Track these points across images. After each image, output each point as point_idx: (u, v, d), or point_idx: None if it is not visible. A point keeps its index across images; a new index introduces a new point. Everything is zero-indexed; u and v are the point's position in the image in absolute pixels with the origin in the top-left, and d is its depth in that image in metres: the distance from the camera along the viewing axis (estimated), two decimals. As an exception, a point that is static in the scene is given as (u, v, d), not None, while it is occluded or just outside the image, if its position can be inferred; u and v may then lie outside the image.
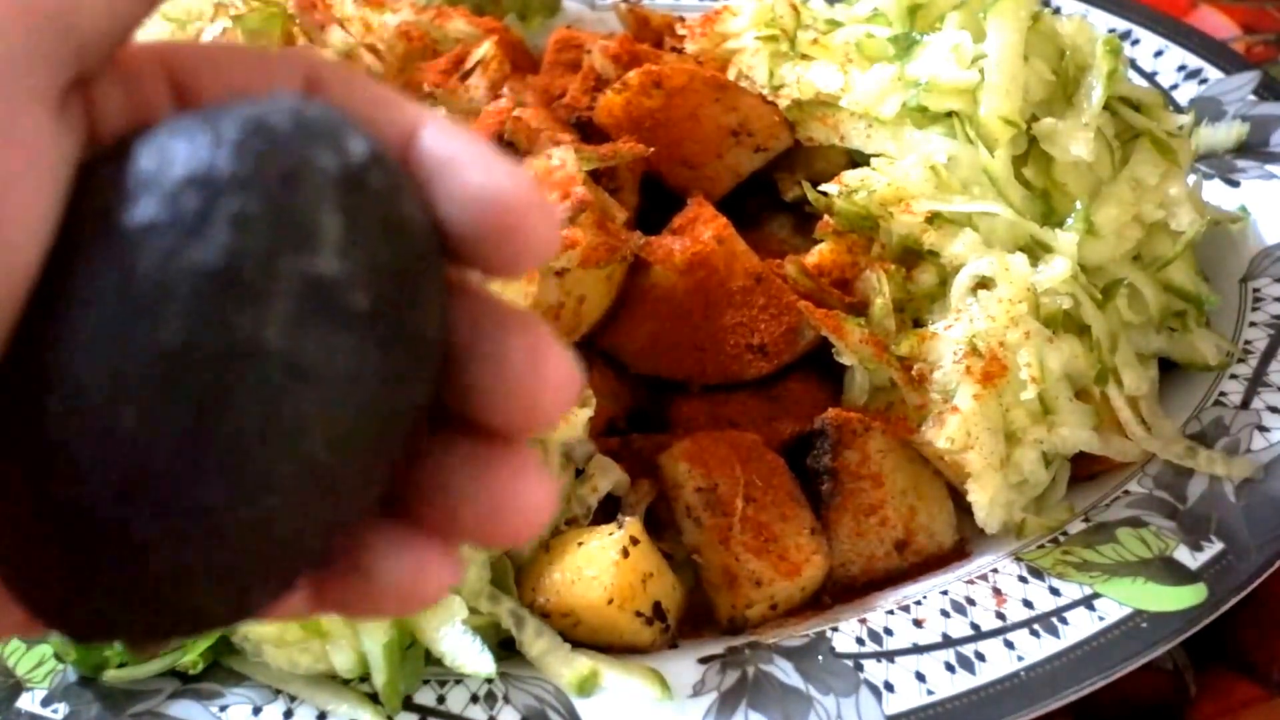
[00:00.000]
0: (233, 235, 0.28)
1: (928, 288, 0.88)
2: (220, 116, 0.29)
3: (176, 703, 0.73)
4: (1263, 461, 0.84)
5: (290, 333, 0.28)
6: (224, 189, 0.28)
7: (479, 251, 0.31)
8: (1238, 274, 0.98)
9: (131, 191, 0.28)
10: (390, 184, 0.30)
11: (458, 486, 0.32)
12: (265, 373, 0.28)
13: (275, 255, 0.28)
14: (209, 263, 0.27)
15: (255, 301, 0.27)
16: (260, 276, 0.28)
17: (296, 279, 0.28)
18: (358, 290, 0.29)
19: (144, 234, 0.28)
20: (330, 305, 0.28)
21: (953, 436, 0.81)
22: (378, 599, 0.33)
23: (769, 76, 1.02)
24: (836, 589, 0.83)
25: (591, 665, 0.75)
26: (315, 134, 0.29)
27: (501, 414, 0.32)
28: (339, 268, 0.28)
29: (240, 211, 0.28)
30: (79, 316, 0.28)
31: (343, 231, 0.29)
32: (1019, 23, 0.91)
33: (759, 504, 0.81)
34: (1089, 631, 0.75)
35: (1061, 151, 0.89)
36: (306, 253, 0.28)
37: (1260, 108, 1.10)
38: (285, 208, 0.28)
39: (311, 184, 0.29)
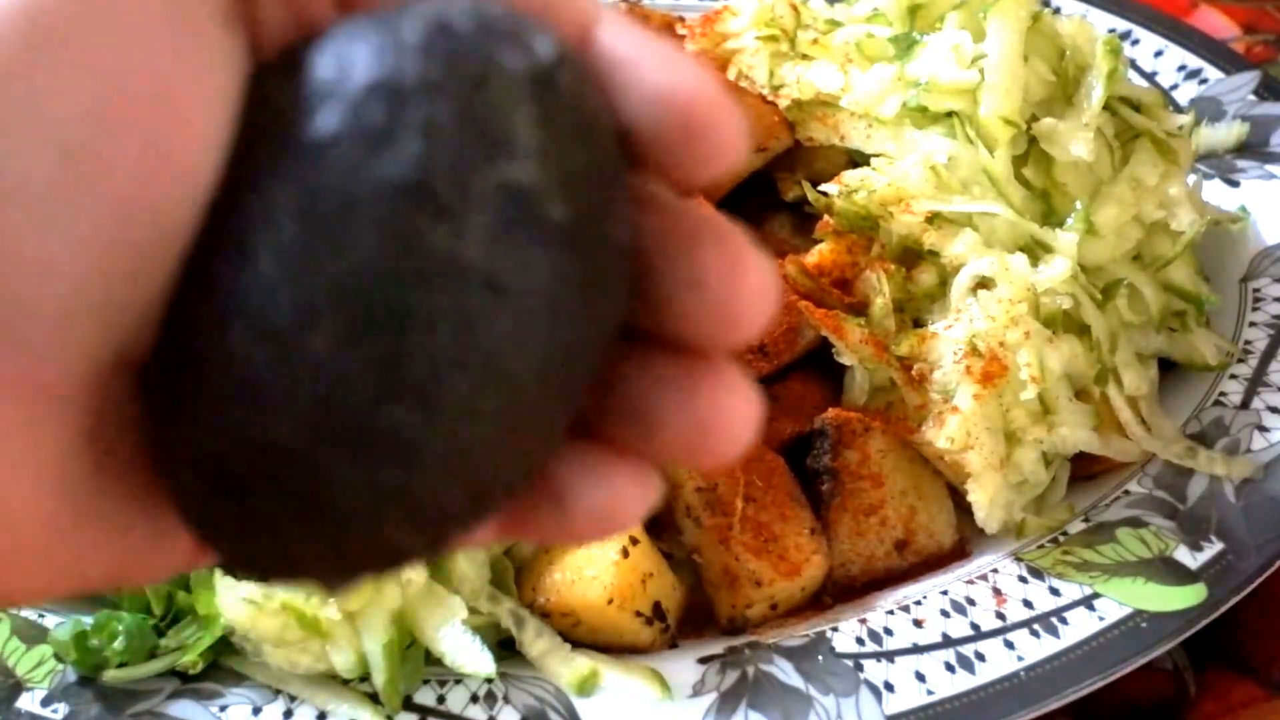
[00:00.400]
0: (423, 145, 0.26)
1: (928, 288, 0.88)
2: (398, 19, 0.27)
3: (176, 703, 0.73)
4: (1263, 461, 0.84)
5: (489, 248, 0.26)
6: (410, 95, 0.26)
7: (663, 154, 0.29)
8: (1238, 274, 0.98)
9: (310, 102, 0.26)
10: (579, 84, 0.28)
11: (656, 405, 0.30)
12: (464, 291, 0.26)
13: (470, 165, 0.26)
14: (400, 175, 0.26)
15: (451, 215, 0.26)
16: (455, 188, 0.26)
17: (493, 190, 0.26)
18: (556, 199, 0.27)
19: (328, 147, 0.26)
20: (529, 217, 0.26)
21: (953, 436, 0.81)
22: (574, 525, 0.31)
23: (769, 76, 1.02)
24: (836, 589, 0.83)
25: (591, 665, 0.75)
26: (500, 33, 0.27)
27: (701, 328, 0.30)
28: (537, 176, 0.26)
29: (430, 119, 0.26)
30: (261, 237, 0.26)
31: (538, 136, 0.27)
32: (1019, 23, 0.91)
33: (759, 504, 0.81)
34: (1089, 631, 0.75)
35: (1061, 151, 0.89)
36: (502, 161, 0.26)
37: (1260, 108, 1.10)
38: (477, 113, 0.26)
39: (502, 87, 0.26)
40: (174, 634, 0.75)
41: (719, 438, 0.31)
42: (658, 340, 0.30)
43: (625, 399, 0.31)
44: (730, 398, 0.31)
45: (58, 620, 0.77)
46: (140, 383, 0.28)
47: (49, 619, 0.77)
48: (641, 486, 0.31)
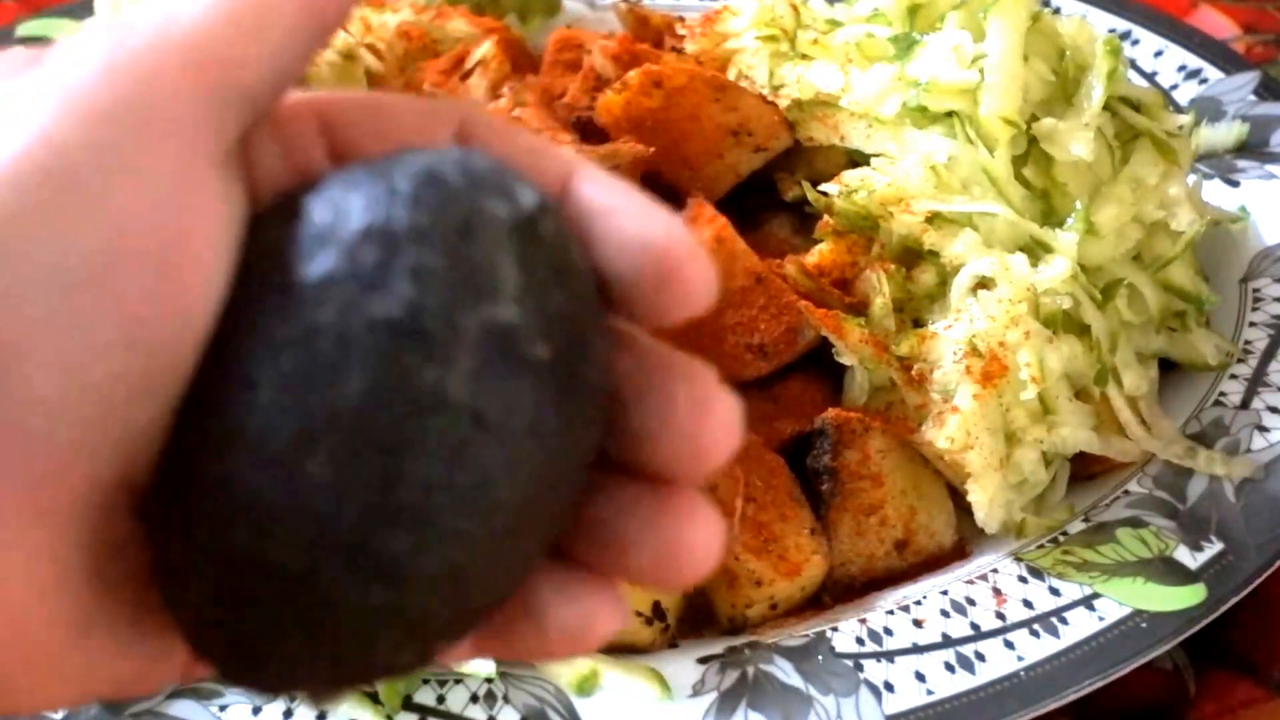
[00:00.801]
0: (414, 287, 0.28)
1: (928, 288, 0.88)
2: (391, 169, 0.29)
3: (176, 702, 0.73)
4: (1263, 461, 0.84)
5: (474, 384, 0.28)
6: (402, 241, 0.28)
7: (636, 299, 0.31)
8: (1238, 274, 0.98)
9: (308, 245, 0.28)
10: (559, 232, 0.30)
11: (626, 531, 0.32)
12: (451, 424, 0.28)
13: (457, 306, 0.28)
14: (392, 315, 0.27)
15: (439, 353, 0.27)
16: (443, 328, 0.28)
17: (478, 330, 0.28)
18: (537, 339, 0.29)
19: (324, 287, 0.28)
20: (512, 355, 0.28)
21: (952, 436, 0.81)
22: (546, 643, 0.33)
23: (769, 76, 1.02)
24: (836, 589, 0.83)
25: (591, 665, 0.75)
26: (486, 184, 0.29)
27: (669, 460, 0.32)
28: (519, 317, 0.28)
29: (419, 263, 0.28)
30: (262, 369, 0.28)
31: (521, 280, 0.29)
32: (1019, 23, 0.91)
33: (759, 504, 0.81)
34: (1089, 631, 0.75)
35: (1061, 151, 0.89)
36: (487, 303, 0.28)
37: (1260, 108, 1.10)
38: (464, 258, 0.28)
39: (488, 234, 0.29)
40: (174, 634, 0.75)
41: (684, 562, 0.32)
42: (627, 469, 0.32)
43: (596, 524, 0.33)
44: (695, 525, 0.32)
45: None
46: (142, 504, 0.29)
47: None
48: (611, 606, 0.33)
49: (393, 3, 1.09)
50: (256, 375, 0.28)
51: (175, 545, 0.29)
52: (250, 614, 0.28)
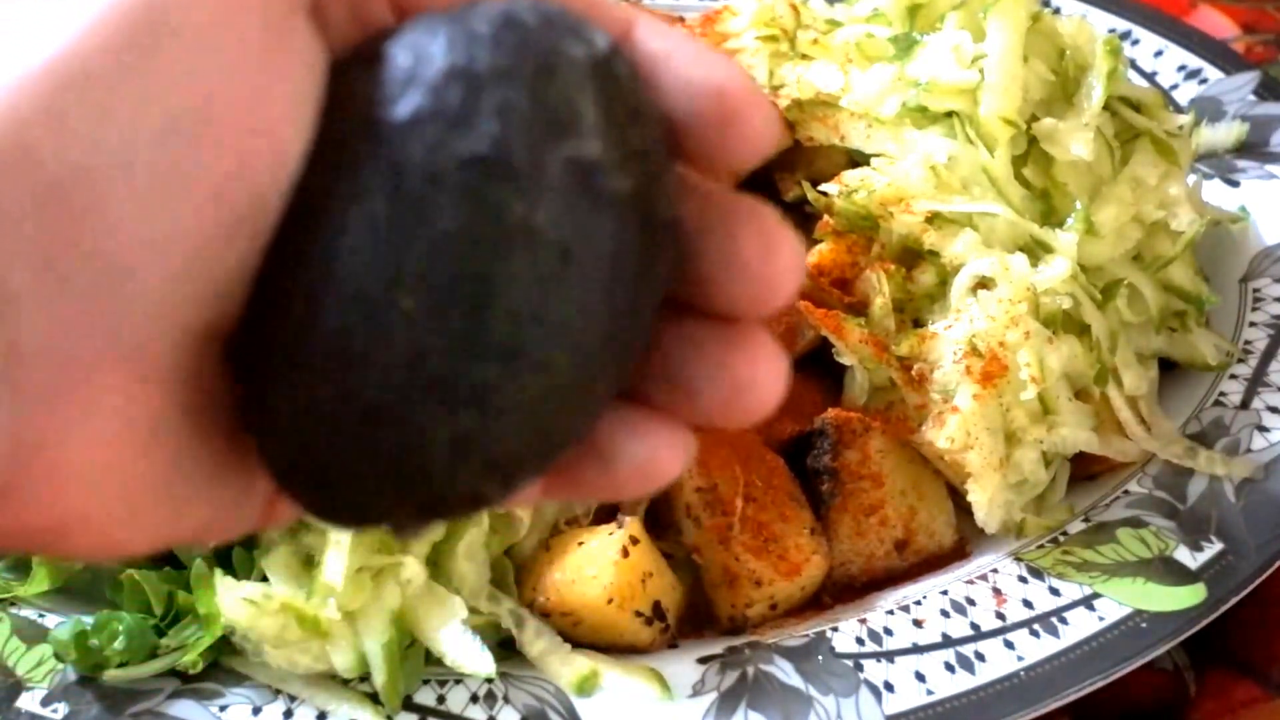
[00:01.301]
0: (499, 124, 0.28)
1: (928, 288, 0.88)
2: (467, 14, 0.30)
3: (176, 702, 0.73)
4: (1263, 461, 0.84)
5: (560, 216, 0.28)
6: (485, 81, 0.28)
7: (700, 143, 0.32)
8: (1238, 274, 0.98)
9: (392, 88, 0.29)
10: (631, 74, 0.31)
11: (695, 371, 0.33)
12: (539, 256, 0.28)
13: (541, 141, 0.28)
14: (480, 151, 0.28)
15: (526, 187, 0.28)
16: (529, 163, 0.28)
17: (563, 164, 0.28)
18: (618, 173, 0.29)
19: (411, 128, 0.28)
20: (595, 189, 0.29)
21: (952, 436, 0.81)
22: (615, 481, 0.34)
23: (769, 76, 1.01)
24: (836, 589, 0.83)
25: (591, 665, 0.75)
26: (561, 26, 0.30)
27: (737, 300, 0.32)
28: (601, 151, 0.29)
29: (504, 101, 0.28)
30: (352, 209, 0.28)
31: (600, 117, 0.29)
32: (1019, 23, 0.91)
33: (759, 504, 0.81)
34: (1089, 631, 0.75)
35: (1061, 151, 0.89)
36: (571, 138, 0.29)
37: (1260, 108, 1.10)
38: (546, 96, 0.29)
39: (568, 72, 0.29)
40: (174, 634, 0.75)
41: (752, 398, 0.33)
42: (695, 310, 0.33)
43: (665, 364, 0.33)
44: (762, 361, 0.33)
45: (58, 620, 0.77)
46: (230, 349, 0.30)
47: (49, 619, 0.78)
48: (678, 445, 0.34)
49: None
50: (345, 216, 0.28)
51: (265, 384, 0.30)
52: (339, 447, 0.29)
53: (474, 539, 0.77)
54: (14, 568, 0.80)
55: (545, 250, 0.28)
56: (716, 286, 0.33)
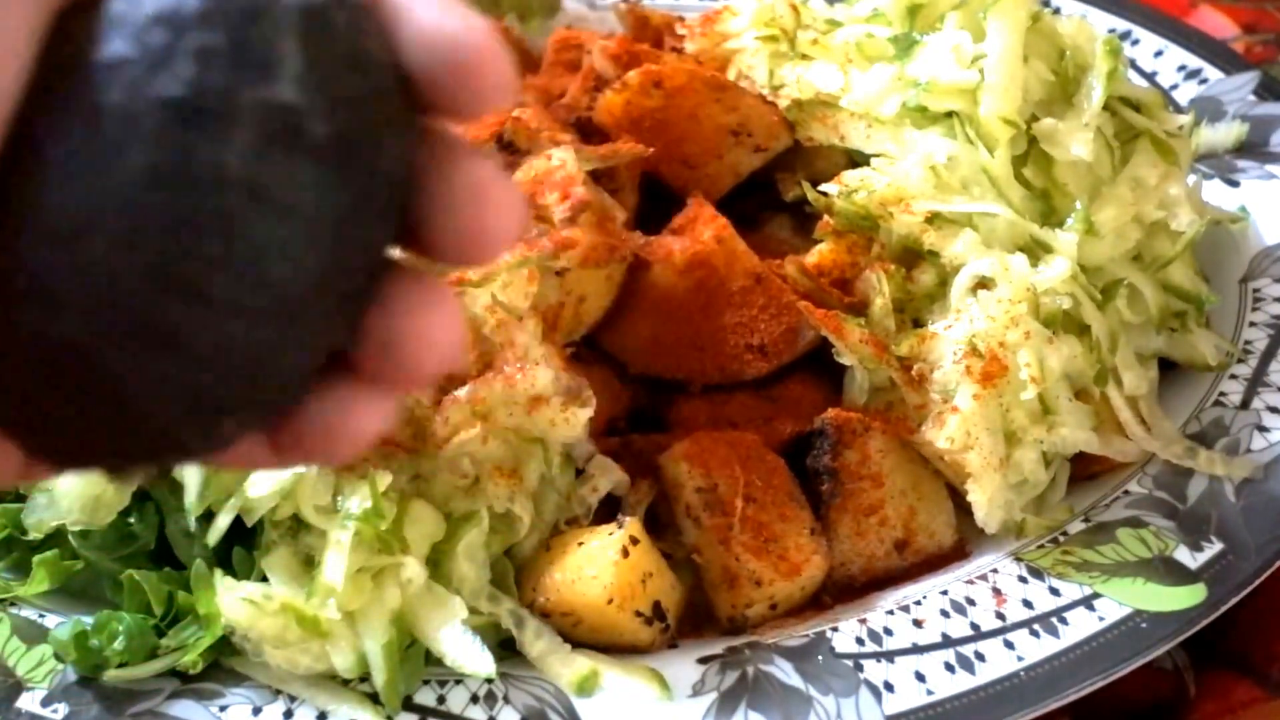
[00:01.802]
0: (196, 68, 0.28)
1: (927, 288, 0.88)
2: None
3: (176, 703, 0.73)
4: (1262, 461, 0.84)
5: (252, 160, 0.29)
6: (189, 25, 0.29)
7: (438, 94, 0.32)
8: (1237, 274, 0.98)
9: (103, 31, 0.29)
10: (353, 22, 0.31)
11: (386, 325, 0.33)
12: (228, 198, 0.29)
13: (237, 85, 0.29)
14: (173, 94, 0.28)
15: (217, 129, 0.28)
16: (222, 105, 0.28)
17: (257, 108, 0.29)
18: (318, 120, 0.29)
19: (112, 69, 0.29)
20: (291, 134, 0.29)
21: (952, 436, 0.81)
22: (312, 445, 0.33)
23: (769, 76, 1.02)
24: (836, 589, 0.82)
25: (591, 665, 0.75)
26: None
27: (447, 247, 0.32)
28: (299, 97, 0.29)
29: (204, 45, 0.29)
30: (50, 149, 0.29)
31: (303, 63, 0.29)
32: (1019, 23, 0.91)
33: (759, 504, 0.81)
34: (1089, 631, 0.75)
35: (1061, 151, 0.89)
36: (267, 82, 0.29)
37: (1260, 108, 1.10)
38: (247, 41, 0.29)
39: (273, 18, 0.29)
40: (174, 634, 0.75)
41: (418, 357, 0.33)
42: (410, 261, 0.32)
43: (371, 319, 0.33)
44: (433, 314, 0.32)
45: (58, 620, 0.77)
46: None
47: (49, 619, 0.78)
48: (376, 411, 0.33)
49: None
50: (45, 155, 0.29)
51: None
52: (42, 389, 0.29)
53: (474, 539, 0.77)
54: (15, 568, 0.80)
55: (235, 193, 0.29)
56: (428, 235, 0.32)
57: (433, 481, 0.78)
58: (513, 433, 0.79)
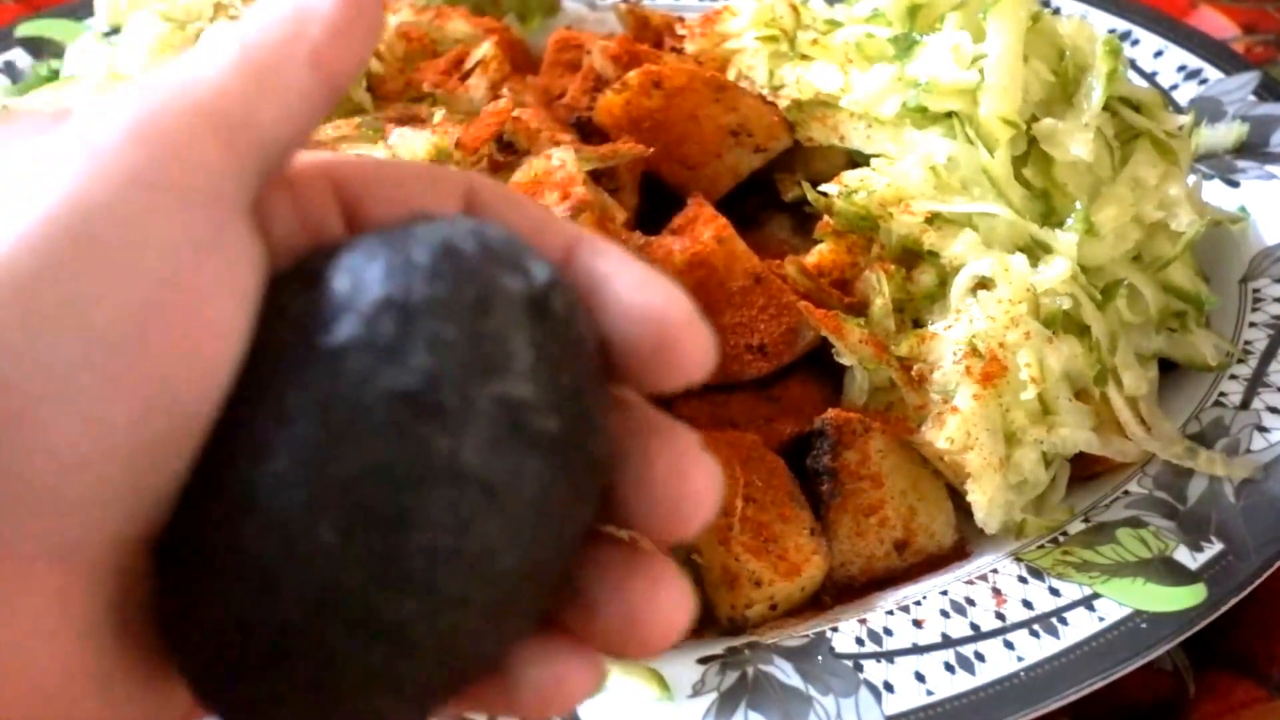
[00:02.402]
0: (430, 358, 0.28)
1: (927, 288, 0.88)
2: (408, 239, 0.30)
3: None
4: (1262, 462, 0.84)
5: (485, 455, 0.28)
6: (419, 313, 0.28)
7: (636, 367, 0.32)
8: (1237, 274, 0.98)
9: (326, 313, 0.29)
10: (568, 306, 0.31)
11: (598, 593, 0.33)
12: (461, 494, 0.28)
13: (471, 379, 0.28)
14: (408, 385, 0.28)
15: (452, 424, 0.28)
16: (457, 400, 0.28)
17: (491, 403, 0.28)
18: (548, 414, 0.29)
19: (342, 355, 0.28)
20: (522, 428, 0.29)
21: (952, 437, 0.81)
22: (519, 706, 0.33)
23: (769, 77, 1.02)
24: (836, 589, 0.82)
25: (591, 665, 0.75)
26: (500, 257, 0.30)
27: (644, 524, 0.32)
28: (531, 392, 0.29)
29: (436, 335, 0.28)
30: (277, 433, 0.28)
31: (533, 355, 0.29)
32: (1019, 23, 0.91)
33: (758, 504, 0.81)
34: (1089, 632, 0.75)
35: (1061, 152, 0.89)
36: (501, 378, 0.29)
37: (1260, 108, 1.10)
38: (479, 333, 0.29)
39: (502, 308, 0.29)
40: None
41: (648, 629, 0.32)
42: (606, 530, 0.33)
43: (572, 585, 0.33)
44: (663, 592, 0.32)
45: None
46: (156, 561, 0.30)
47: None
48: (585, 672, 0.33)
49: (392, 4, 1.09)
50: (271, 440, 0.28)
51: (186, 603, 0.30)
52: (251, 671, 0.29)
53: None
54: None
55: (468, 488, 0.28)
56: (627, 507, 0.32)
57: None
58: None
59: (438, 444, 0.28)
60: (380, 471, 0.28)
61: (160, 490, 0.29)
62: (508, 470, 0.29)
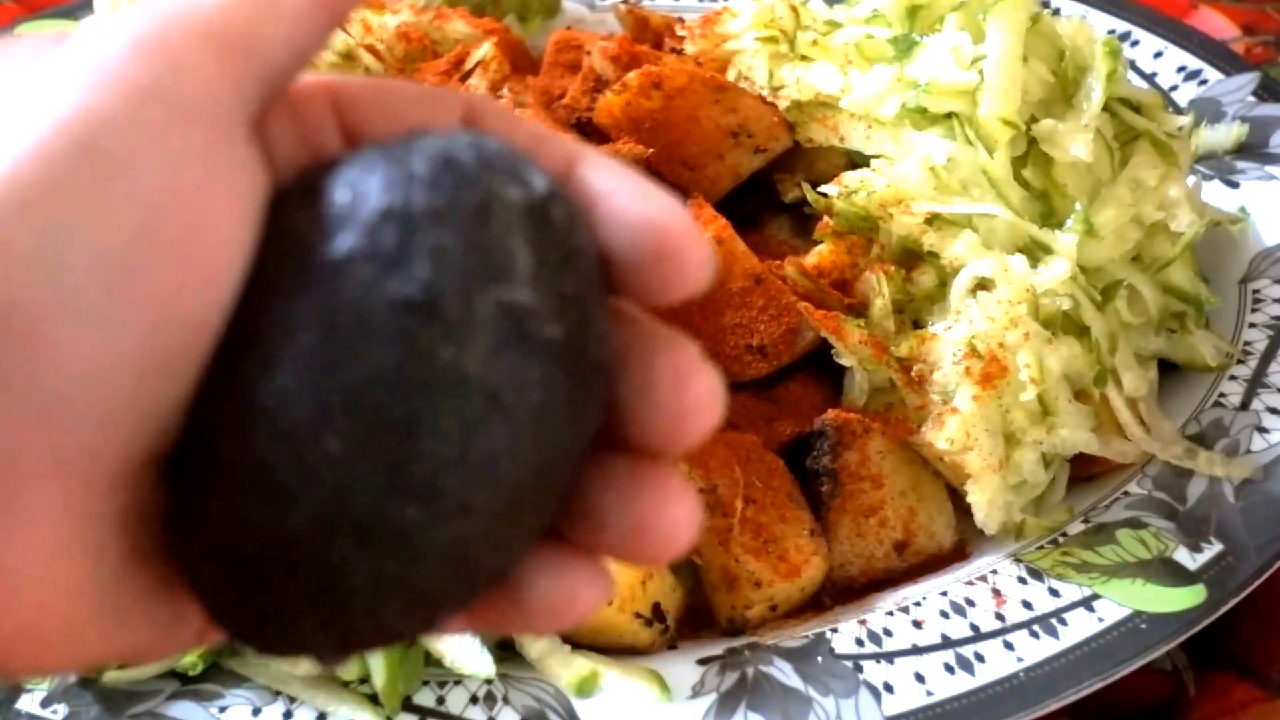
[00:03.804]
0: (432, 267, 0.28)
1: (927, 289, 0.88)
2: (407, 151, 0.30)
3: (176, 704, 0.73)
4: (1262, 463, 0.84)
5: (489, 362, 0.29)
6: (420, 223, 0.29)
7: (637, 278, 0.32)
8: (1237, 275, 0.98)
9: (328, 225, 0.29)
10: (568, 217, 0.31)
11: (604, 504, 0.33)
12: (465, 401, 0.28)
13: (473, 286, 0.28)
14: (411, 294, 0.28)
15: (455, 332, 0.28)
16: (459, 308, 0.28)
17: (493, 310, 0.29)
18: (550, 321, 0.29)
19: (344, 266, 0.28)
20: (525, 335, 0.29)
21: (952, 437, 0.81)
22: (529, 616, 0.34)
23: (769, 77, 1.02)
24: (836, 590, 0.83)
25: (591, 666, 0.75)
26: (499, 168, 0.30)
27: (648, 433, 0.32)
28: (533, 298, 0.29)
29: (438, 244, 0.28)
30: (281, 345, 0.28)
31: (534, 263, 0.29)
32: (1018, 24, 0.91)
33: (758, 505, 0.81)
34: (1088, 632, 0.75)
35: (1061, 152, 0.89)
36: (503, 284, 0.29)
37: (1260, 109, 1.10)
38: (480, 241, 0.29)
39: (503, 217, 0.29)
40: (174, 635, 0.75)
41: (657, 539, 0.33)
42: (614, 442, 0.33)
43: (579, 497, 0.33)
44: (670, 501, 0.33)
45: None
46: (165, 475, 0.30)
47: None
48: (593, 582, 0.34)
49: (392, 4, 1.09)
50: (276, 351, 0.28)
51: (194, 515, 0.30)
52: (263, 582, 0.29)
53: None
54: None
55: (472, 395, 0.28)
56: (630, 417, 0.32)
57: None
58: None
59: (441, 351, 0.28)
60: (385, 380, 0.28)
61: (168, 404, 0.29)
62: (511, 377, 0.29)
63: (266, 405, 0.28)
